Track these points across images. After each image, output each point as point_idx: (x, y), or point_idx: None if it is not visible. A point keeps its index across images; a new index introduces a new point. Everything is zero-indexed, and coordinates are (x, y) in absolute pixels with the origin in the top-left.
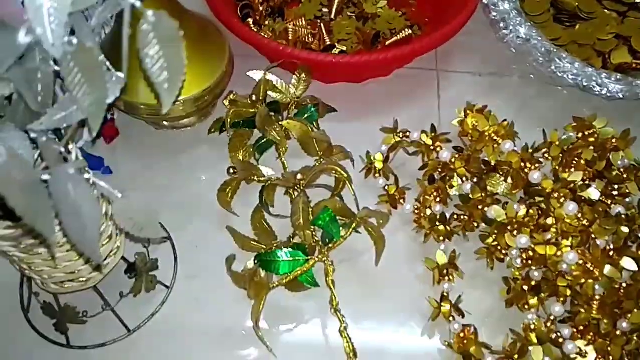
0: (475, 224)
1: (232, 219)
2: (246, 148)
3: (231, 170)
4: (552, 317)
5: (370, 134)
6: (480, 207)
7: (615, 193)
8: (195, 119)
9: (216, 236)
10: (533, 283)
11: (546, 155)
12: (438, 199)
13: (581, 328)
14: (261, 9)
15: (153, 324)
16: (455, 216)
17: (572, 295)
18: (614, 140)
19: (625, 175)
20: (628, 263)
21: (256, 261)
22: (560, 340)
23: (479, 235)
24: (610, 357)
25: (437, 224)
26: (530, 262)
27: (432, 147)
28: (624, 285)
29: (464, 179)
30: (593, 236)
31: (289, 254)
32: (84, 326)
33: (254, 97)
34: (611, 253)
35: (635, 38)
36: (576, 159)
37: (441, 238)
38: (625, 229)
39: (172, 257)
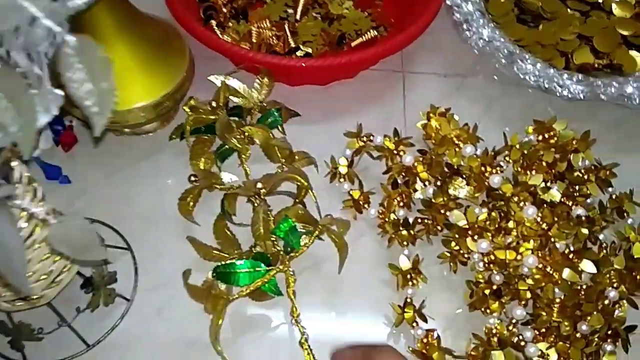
0: (439, 228)
1: (194, 228)
2: (207, 155)
3: (192, 179)
4: (514, 321)
5: (335, 136)
6: (442, 211)
7: (576, 194)
8: (156, 125)
9: (178, 245)
10: (495, 287)
11: (507, 158)
12: (402, 204)
13: (543, 330)
14: (225, 10)
15: (113, 338)
16: (419, 220)
17: (533, 299)
18: (574, 142)
19: (586, 176)
20: (587, 266)
21: (213, 274)
22: (522, 343)
23: (441, 239)
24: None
25: (401, 228)
26: (491, 265)
27: (395, 152)
28: (584, 287)
29: (427, 183)
30: (553, 239)
31: (248, 264)
32: (41, 343)
33: (214, 104)
34: (571, 256)
35: (597, 38)
36: (537, 161)
37: (405, 243)
38: (585, 231)
39: (133, 268)
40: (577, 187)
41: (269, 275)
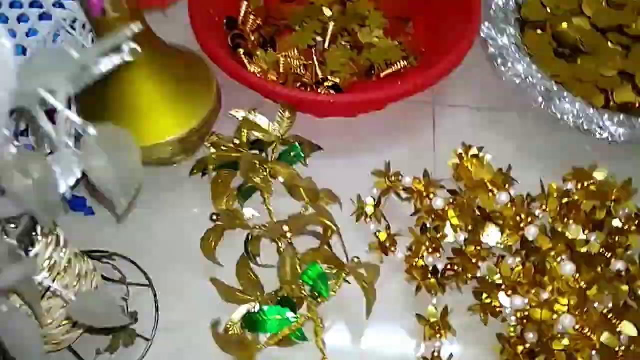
0: (469, 276)
1: (216, 267)
2: (229, 193)
3: (214, 217)
4: None
5: (361, 172)
6: (474, 260)
7: (615, 246)
8: (182, 156)
9: (200, 282)
10: (528, 345)
11: (543, 207)
12: (430, 249)
13: None
14: (252, 38)
15: None
16: (449, 267)
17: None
18: (615, 191)
19: (626, 227)
20: (627, 328)
21: (242, 324)
22: None
23: (472, 290)
24: None
25: (430, 276)
26: (524, 321)
27: (424, 194)
28: (622, 349)
29: (458, 229)
30: (591, 298)
31: (276, 311)
32: None
33: (236, 141)
34: (609, 316)
35: (639, 75)
36: (575, 210)
37: (433, 291)
38: (625, 288)
39: (153, 306)
40: (616, 238)
41: (297, 324)
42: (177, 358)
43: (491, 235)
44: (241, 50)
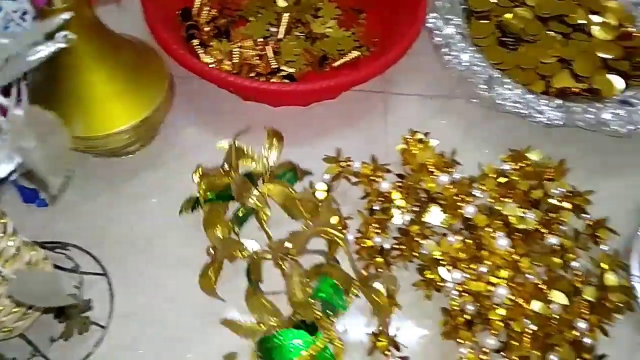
0: (414, 255)
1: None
2: (223, 223)
3: (211, 251)
4: (486, 350)
5: (316, 159)
6: (418, 239)
7: (551, 222)
8: (137, 146)
9: (157, 271)
10: (467, 316)
11: (482, 187)
12: (378, 230)
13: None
14: (207, 29)
15: None
16: (395, 247)
17: (505, 329)
18: (549, 170)
19: (561, 204)
20: (558, 297)
21: (259, 354)
22: None
23: (416, 267)
24: None
25: (377, 255)
26: (464, 294)
27: (372, 178)
28: (556, 317)
29: (404, 210)
30: (524, 270)
31: (293, 335)
32: None
33: (226, 166)
34: (542, 286)
35: (577, 61)
36: (512, 190)
37: (380, 269)
38: (557, 260)
39: (108, 294)
40: (552, 215)
41: (317, 347)
42: (132, 345)
43: (434, 216)
44: (195, 41)
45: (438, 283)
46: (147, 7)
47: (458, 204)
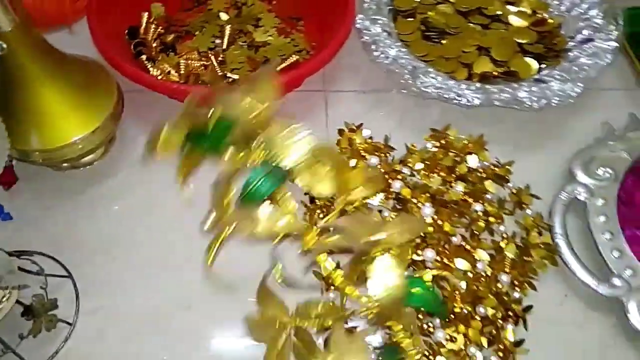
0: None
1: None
2: None
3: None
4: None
5: None
6: None
7: (476, 193)
8: (94, 157)
9: (120, 271)
10: None
11: (409, 165)
12: (322, 215)
13: (451, 317)
14: (155, 45)
15: None
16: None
17: (438, 288)
18: (470, 145)
19: (484, 175)
20: (482, 255)
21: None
22: (431, 330)
23: None
24: (472, 340)
25: (322, 235)
26: None
27: None
28: (483, 274)
29: None
30: (449, 234)
31: None
32: None
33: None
34: (468, 247)
35: (495, 48)
36: (437, 166)
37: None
38: (482, 224)
39: (74, 294)
40: (478, 186)
41: None
42: (99, 338)
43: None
44: (143, 57)
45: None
46: (94, 30)
47: (389, 181)
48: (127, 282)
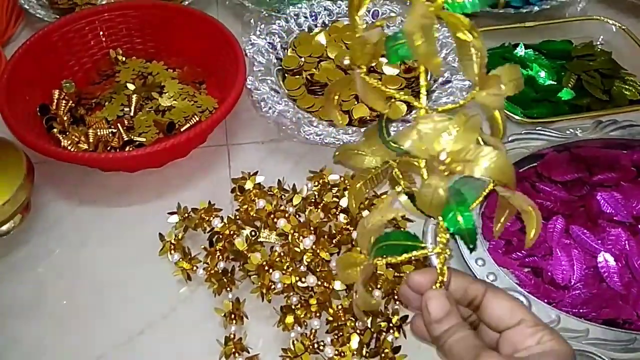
0: (248, 269)
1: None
2: None
3: None
4: (314, 330)
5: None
6: (248, 254)
7: (355, 222)
8: (9, 226)
9: (41, 331)
10: (293, 307)
11: (291, 203)
12: (221, 258)
13: (337, 332)
14: (65, 119)
15: None
16: (236, 266)
17: (322, 310)
18: (346, 182)
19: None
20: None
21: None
22: (322, 347)
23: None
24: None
25: (222, 277)
26: (289, 289)
27: (206, 219)
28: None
29: (235, 235)
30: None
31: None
32: None
33: None
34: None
35: None
36: (315, 203)
37: (228, 288)
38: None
39: None
40: (358, 217)
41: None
42: None
43: (267, 234)
44: (55, 130)
45: (272, 285)
46: (3, 109)
47: (274, 220)
48: (46, 339)
